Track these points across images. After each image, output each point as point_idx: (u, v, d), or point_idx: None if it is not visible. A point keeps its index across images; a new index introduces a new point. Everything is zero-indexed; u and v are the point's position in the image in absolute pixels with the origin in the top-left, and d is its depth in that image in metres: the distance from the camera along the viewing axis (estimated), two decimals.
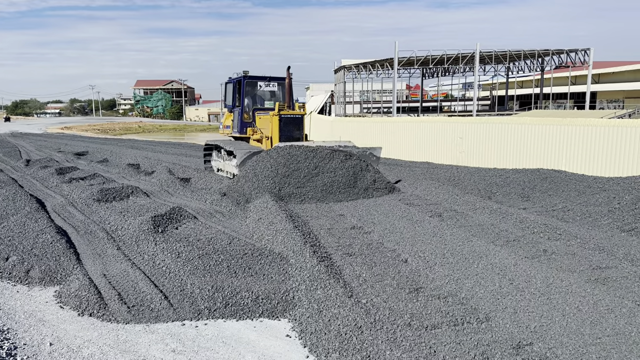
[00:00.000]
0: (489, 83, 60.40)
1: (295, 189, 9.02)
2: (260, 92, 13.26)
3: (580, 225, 7.41)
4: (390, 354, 3.57)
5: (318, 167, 9.34)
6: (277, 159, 9.40)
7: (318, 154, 9.51)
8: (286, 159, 9.29)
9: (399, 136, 18.49)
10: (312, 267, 5.24)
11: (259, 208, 8.19)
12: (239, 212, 8.55)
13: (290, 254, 5.84)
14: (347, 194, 9.21)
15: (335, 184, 9.24)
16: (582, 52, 36.95)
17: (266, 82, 13.01)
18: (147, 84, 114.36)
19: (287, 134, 11.32)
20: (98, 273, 5.50)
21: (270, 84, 13.07)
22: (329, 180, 9.25)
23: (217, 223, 7.77)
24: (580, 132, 12.18)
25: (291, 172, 9.14)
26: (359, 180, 9.49)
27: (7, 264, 5.79)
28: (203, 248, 5.94)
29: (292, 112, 11.56)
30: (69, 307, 4.81)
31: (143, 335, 4.29)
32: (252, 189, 8.99)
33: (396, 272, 5.41)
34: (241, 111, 12.98)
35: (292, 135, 11.36)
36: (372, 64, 40.30)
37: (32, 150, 23.00)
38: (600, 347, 3.60)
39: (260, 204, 8.41)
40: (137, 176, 13.38)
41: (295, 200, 8.91)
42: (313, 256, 5.51)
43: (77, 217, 8.17)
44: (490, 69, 44.97)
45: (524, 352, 3.58)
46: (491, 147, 14.73)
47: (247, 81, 12.92)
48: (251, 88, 13.13)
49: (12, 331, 4.33)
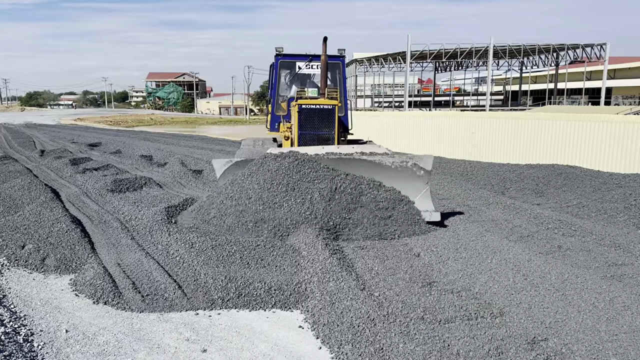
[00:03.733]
0: (502, 78, 59.82)
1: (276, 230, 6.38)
2: (301, 76, 10.12)
3: (596, 222, 7.31)
4: (403, 347, 3.56)
5: (314, 199, 6.46)
6: (257, 177, 6.71)
7: (322, 173, 6.66)
8: (269, 183, 6.61)
9: (409, 130, 18.39)
10: (324, 259, 5.24)
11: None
12: None
13: (303, 247, 5.84)
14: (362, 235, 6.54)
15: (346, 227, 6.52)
16: (598, 47, 36.40)
17: (307, 62, 9.72)
18: (159, 76, 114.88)
19: (310, 131, 8.10)
20: (112, 262, 5.56)
21: (312, 64, 9.71)
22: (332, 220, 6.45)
23: None
24: (596, 128, 12.01)
25: (271, 206, 6.49)
26: (387, 224, 6.58)
27: (23, 252, 5.87)
28: (216, 239, 5.97)
29: (316, 101, 8.16)
30: (84, 295, 4.87)
31: (157, 324, 4.32)
32: (218, 217, 6.57)
33: (409, 266, 5.40)
34: (273, 101, 9.97)
35: (317, 134, 8.11)
36: (384, 57, 40.08)
37: (46, 140, 23.26)
38: (616, 343, 3.56)
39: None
40: (149, 167, 13.48)
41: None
42: (325, 249, 5.51)
43: (91, 207, 8.25)
44: (503, 64, 44.52)
45: (538, 348, 3.55)
46: (504, 142, 14.59)
47: (282, 61, 9.80)
48: (287, 70, 10.07)
49: (29, 318, 4.39)
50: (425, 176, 7.00)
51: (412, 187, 6.94)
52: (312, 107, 8.07)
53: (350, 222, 6.49)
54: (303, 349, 3.94)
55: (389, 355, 3.54)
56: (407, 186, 6.90)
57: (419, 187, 6.97)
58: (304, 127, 8.13)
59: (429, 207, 6.97)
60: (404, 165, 6.88)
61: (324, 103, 8.11)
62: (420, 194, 6.99)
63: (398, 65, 40.41)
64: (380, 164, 6.85)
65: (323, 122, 8.15)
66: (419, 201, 6.91)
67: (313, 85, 9.72)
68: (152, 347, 3.93)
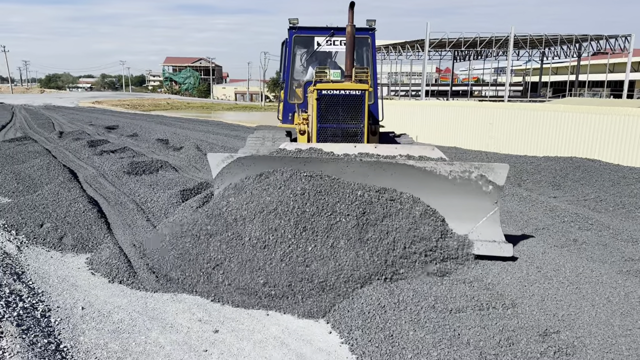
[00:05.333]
0: (522, 68, 58.79)
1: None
2: (320, 54, 8.24)
3: (613, 216, 7.20)
4: (413, 334, 3.57)
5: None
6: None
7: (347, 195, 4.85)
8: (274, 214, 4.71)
9: (425, 119, 18.22)
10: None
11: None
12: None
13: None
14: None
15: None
16: (622, 38, 35.48)
17: (328, 37, 7.75)
18: (176, 61, 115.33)
19: (332, 123, 6.50)
20: (128, 242, 5.64)
21: (334, 39, 7.79)
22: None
23: None
24: (617, 121, 11.76)
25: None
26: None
27: (42, 230, 5.99)
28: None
29: (340, 86, 6.45)
30: (100, 274, 4.96)
31: (170, 304, 4.39)
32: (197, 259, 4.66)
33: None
34: (286, 86, 8.23)
35: (341, 128, 6.49)
36: (402, 44, 39.61)
37: (65, 122, 23.58)
38: (630, 338, 3.52)
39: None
40: (165, 151, 13.59)
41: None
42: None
43: (108, 188, 8.36)
44: (524, 54, 43.69)
45: (550, 340, 3.52)
46: (522, 134, 14.38)
47: (297, 36, 7.95)
48: (304, 48, 8.37)
49: (46, 294, 4.49)
50: (495, 193, 5.01)
51: (475, 206, 5.04)
52: (335, 94, 6.36)
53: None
54: (313, 333, 3.97)
55: (399, 342, 3.55)
56: (468, 205, 5.03)
57: (484, 208, 5.06)
58: (324, 119, 6.44)
59: (497, 237, 5.04)
60: (466, 177, 4.99)
61: (350, 88, 6.38)
62: (486, 217, 5.07)
63: (416, 53, 39.94)
64: (432, 172, 5.00)
65: (349, 112, 6.41)
66: (483, 227, 5.05)
67: (335, 65, 8.11)
68: (165, 327, 4.00)
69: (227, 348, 3.72)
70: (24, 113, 29.35)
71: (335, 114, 6.45)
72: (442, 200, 5.06)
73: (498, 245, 4.98)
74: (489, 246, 4.96)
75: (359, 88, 6.38)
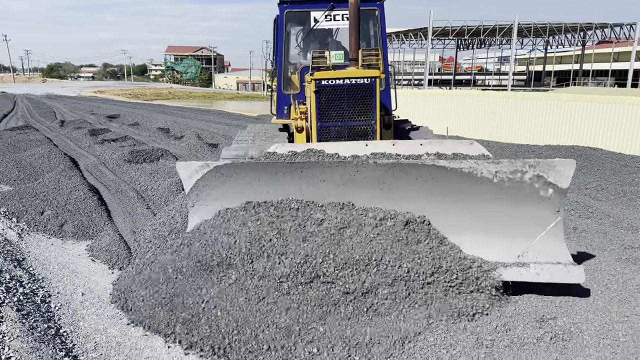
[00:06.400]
0: (525, 57, 58.37)
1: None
2: (318, 33, 6.91)
3: (614, 205, 7.18)
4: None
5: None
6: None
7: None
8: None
9: (428, 108, 18.15)
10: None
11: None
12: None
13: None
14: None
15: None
16: (627, 27, 35.15)
17: (327, 10, 6.43)
18: (178, 50, 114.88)
19: (336, 121, 5.34)
20: (128, 230, 5.67)
21: (335, 13, 6.47)
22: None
23: None
24: (619, 110, 11.69)
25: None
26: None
27: (43, 218, 6.02)
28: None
29: (344, 73, 5.25)
30: (100, 260, 4.99)
31: None
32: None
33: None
34: (279, 74, 6.92)
35: (347, 126, 5.35)
36: (405, 33, 39.32)
37: (66, 112, 23.58)
38: (627, 324, 3.52)
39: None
40: (166, 140, 13.59)
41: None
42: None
43: (109, 176, 8.38)
44: (528, 43, 43.32)
45: (547, 326, 3.53)
46: (525, 123, 14.31)
47: (289, 12, 6.66)
48: (299, 26, 7.05)
49: (47, 280, 4.52)
50: (556, 199, 3.83)
51: (530, 217, 3.87)
52: (339, 84, 5.17)
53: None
54: None
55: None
56: (521, 216, 3.87)
57: (542, 219, 3.88)
58: (325, 116, 5.29)
59: (562, 257, 3.86)
60: (518, 179, 3.79)
61: (357, 75, 5.17)
62: (545, 231, 3.88)
63: (419, 41, 39.64)
64: (471, 175, 3.82)
65: (356, 106, 5.25)
66: (542, 244, 3.88)
67: (338, 45, 6.86)
68: None
69: None
70: (26, 102, 29.35)
71: (339, 110, 5.25)
72: (484, 212, 3.89)
73: (564, 268, 3.77)
74: (552, 270, 3.77)
75: (368, 75, 5.16)
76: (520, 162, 3.80)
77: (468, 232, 3.92)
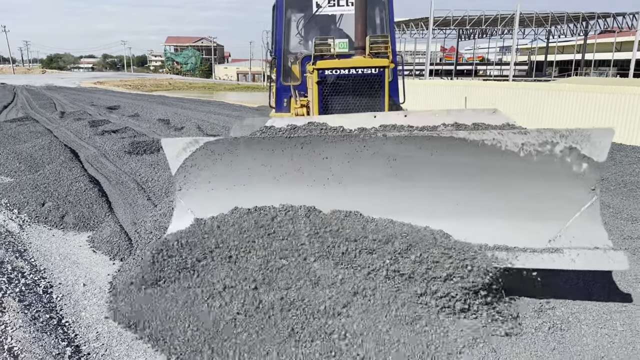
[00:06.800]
0: (527, 47, 58.07)
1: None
2: (321, 19, 6.47)
3: (614, 195, 7.18)
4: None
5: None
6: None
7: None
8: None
9: (429, 98, 18.10)
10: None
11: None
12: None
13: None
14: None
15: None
16: (630, 16, 34.90)
17: None
18: (178, 40, 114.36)
19: (338, 113, 4.79)
20: (129, 221, 5.69)
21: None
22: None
23: None
24: (620, 100, 11.65)
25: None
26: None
27: (43, 209, 6.04)
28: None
29: (349, 63, 4.91)
30: (101, 251, 5.01)
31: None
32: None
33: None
34: (279, 64, 6.48)
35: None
36: (406, 22, 39.09)
37: (67, 103, 23.54)
38: (625, 314, 3.55)
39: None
40: (167, 131, 13.58)
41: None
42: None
43: (109, 167, 8.39)
44: (529, 32, 43.08)
45: (545, 316, 3.56)
46: (526, 113, 14.28)
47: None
48: (300, 12, 6.66)
49: (48, 271, 4.55)
50: (592, 175, 3.34)
51: (562, 196, 3.42)
52: (343, 74, 4.80)
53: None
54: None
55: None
56: (551, 195, 3.43)
57: (576, 198, 3.41)
58: (328, 109, 4.92)
59: (601, 241, 3.40)
60: (547, 152, 3.31)
61: (363, 65, 4.79)
62: (579, 212, 3.42)
63: (420, 31, 39.41)
64: (495, 148, 3.33)
65: (362, 98, 4.85)
66: (577, 227, 3.42)
67: (342, 33, 6.36)
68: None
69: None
70: (26, 94, 29.30)
71: (344, 103, 4.83)
72: (509, 191, 3.43)
73: (604, 254, 3.32)
74: (589, 256, 3.33)
75: (375, 65, 4.75)
76: (550, 132, 3.29)
77: (491, 214, 3.47)
